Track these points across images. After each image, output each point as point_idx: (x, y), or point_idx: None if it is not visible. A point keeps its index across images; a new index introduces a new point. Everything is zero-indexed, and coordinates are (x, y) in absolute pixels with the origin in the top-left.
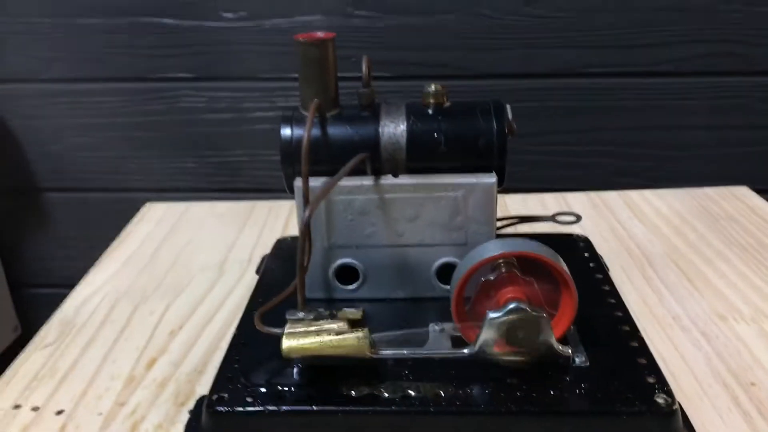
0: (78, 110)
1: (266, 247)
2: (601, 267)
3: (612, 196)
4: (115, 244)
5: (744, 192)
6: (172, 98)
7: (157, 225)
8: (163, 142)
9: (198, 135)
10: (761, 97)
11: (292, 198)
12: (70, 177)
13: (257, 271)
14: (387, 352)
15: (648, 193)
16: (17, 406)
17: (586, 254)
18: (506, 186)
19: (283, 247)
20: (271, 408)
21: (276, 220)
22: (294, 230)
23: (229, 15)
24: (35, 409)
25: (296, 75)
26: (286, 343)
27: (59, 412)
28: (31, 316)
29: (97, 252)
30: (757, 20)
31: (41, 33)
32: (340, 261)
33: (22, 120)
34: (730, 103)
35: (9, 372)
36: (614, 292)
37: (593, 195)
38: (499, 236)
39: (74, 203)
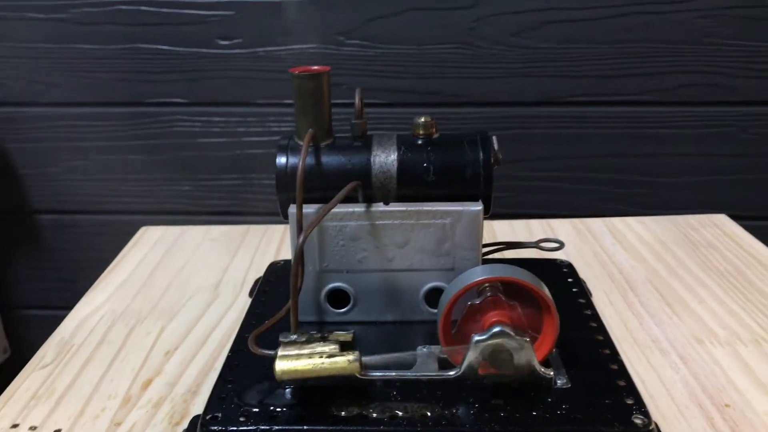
0: (75, 134)
1: (259, 271)
2: (584, 292)
3: (596, 223)
4: (111, 266)
5: (723, 220)
6: (168, 122)
7: (153, 248)
8: (158, 166)
9: (193, 159)
10: (742, 127)
11: (285, 222)
12: (64, 199)
13: (250, 294)
14: (376, 374)
15: (631, 220)
16: (15, 426)
17: (570, 279)
18: (495, 211)
19: (275, 271)
20: (263, 427)
21: (269, 244)
22: (286, 254)
23: (225, 42)
24: (33, 428)
25: (290, 101)
26: (279, 365)
27: None
28: (22, 337)
29: (90, 274)
30: (738, 53)
31: (41, 58)
32: (331, 285)
33: (20, 143)
34: (711, 132)
35: (7, 392)
36: (596, 316)
37: (577, 221)
38: (485, 262)
39: (68, 225)
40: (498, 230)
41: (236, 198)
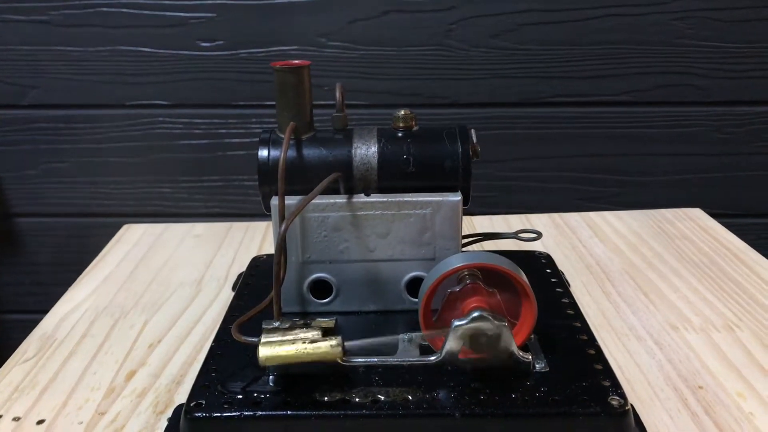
0: (54, 136)
1: (242, 266)
2: (562, 282)
3: (573, 217)
4: (94, 263)
5: (697, 213)
6: (149, 124)
7: (135, 245)
8: (139, 168)
9: (174, 160)
10: (715, 126)
11: (267, 219)
12: (43, 202)
13: (233, 288)
14: (358, 360)
15: (608, 214)
16: None
17: (548, 270)
18: (475, 209)
19: (258, 265)
20: (247, 413)
21: (252, 240)
22: (269, 250)
23: (206, 44)
24: (16, 419)
25: (271, 103)
26: (263, 351)
27: (40, 422)
28: (0, 341)
29: (68, 278)
30: (711, 54)
31: (20, 60)
32: (314, 276)
33: None
34: (686, 132)
35: None
36: (573, 305)
37: (556, 216)
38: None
39: (46, 229)
40: (477, 224)
41: (217, 200)
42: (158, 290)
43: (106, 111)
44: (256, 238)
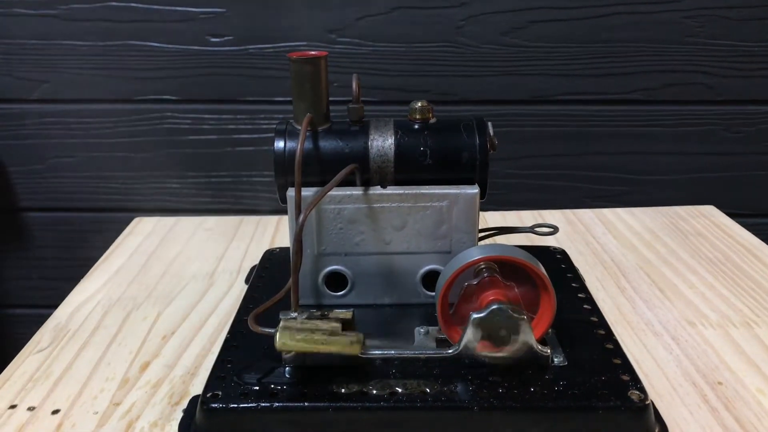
0: (63, 130)
1: (254, 259)
2: (578, 277)
3: (587, 214)
4: (105, 255)
5: (711, 210)
6: (158, 120)
7: (147, 238)
8: (147, 163)
9: (182, 156)
10: (726, 125)
11: (278, 213)
12: (51, 197)
13: (246, 281)
14: (375, 352)
15: (621, 211)
16: (13, 406)
17: (563, 265)
18: (485, 207)
19: (271, 258)
20: (263, 404)
21: (263, 234)
22: (281, 243)
23: (215, 39)
24: (31, 408)
25: (280, 98)
26: (281, 340)
27: (55, 412)
28: (7, 336)
29: (76, 273)
30: (722, 53)
31: (29, 54)
32: (329, 268)
33: (7, 140)
34: (696, 131)
35: (3, 375)
36: (590, 300)
37: (569, 212)
38: None
39: (54, 223)
40: (490, 220)
41: (225, 196)
42: (171, 283)
43: (115, 106)
44: (267, 232)
